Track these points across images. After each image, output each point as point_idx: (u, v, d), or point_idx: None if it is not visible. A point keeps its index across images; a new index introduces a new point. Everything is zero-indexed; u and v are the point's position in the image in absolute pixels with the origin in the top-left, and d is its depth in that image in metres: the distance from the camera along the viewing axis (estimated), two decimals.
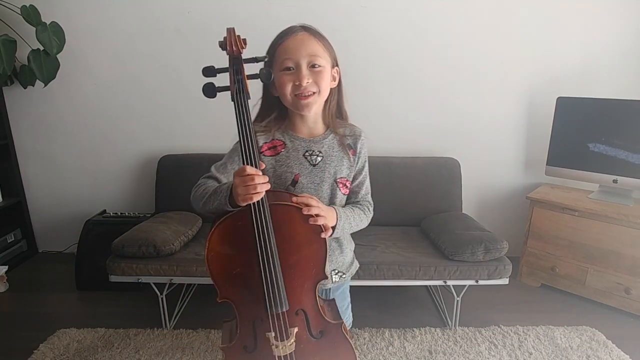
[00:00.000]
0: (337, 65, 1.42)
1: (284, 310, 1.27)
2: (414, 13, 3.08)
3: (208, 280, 2.42)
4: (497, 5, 3.08)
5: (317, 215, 1.24)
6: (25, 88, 3.06)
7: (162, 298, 2.50)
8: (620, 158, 2.85)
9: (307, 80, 1.31)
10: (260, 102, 1.48)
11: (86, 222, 2.98)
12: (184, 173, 3.06)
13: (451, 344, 2.46)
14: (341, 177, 1.45)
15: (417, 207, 3.08)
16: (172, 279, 2.46)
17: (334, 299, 1.53)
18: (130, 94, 3.23)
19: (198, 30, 3.09)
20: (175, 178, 3.08)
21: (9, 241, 3.31)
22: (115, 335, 2.48)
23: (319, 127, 1.46)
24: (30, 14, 2.82)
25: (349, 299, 1.68)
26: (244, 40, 1.18)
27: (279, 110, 1.44)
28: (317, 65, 1.32)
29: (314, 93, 1.34)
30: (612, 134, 2.85)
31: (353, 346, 1.40)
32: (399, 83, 3.23)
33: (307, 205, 1.24)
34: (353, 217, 1.43)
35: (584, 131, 2.96)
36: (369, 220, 1.52)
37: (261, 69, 1.19)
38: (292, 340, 1.31)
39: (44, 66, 2.92)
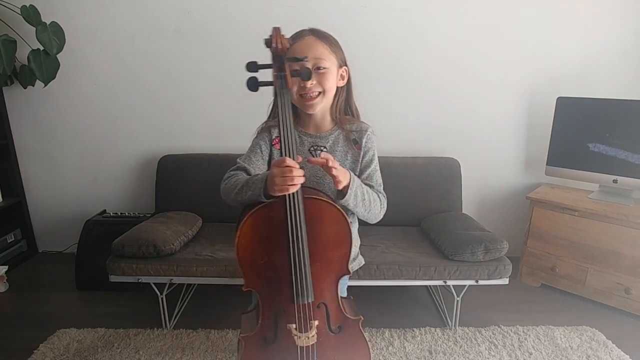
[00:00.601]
0: (345, 65, 1.52)
1: (310, 301, 1.31)
2: (414, 13, 3.09)
3: (208, 281, 2.45)
4: (497, 5, 3.08)
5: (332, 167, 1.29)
6: (25, 88, 3.06)
7: (162, 298, 2.51)
8: (620, 158, 2.85)
9: (311, 82, 1.41)
10: (272, 101, 1.55)
11: (86, 222, 2.99)
12: (184, 173, 3.07)
13: (451, 344, 2.46)
14: None
15: (417, 207, 3.08)
16: (172, 279, 2.46)
17: (351, 297, 1.58)
18: (131, 94, 3.23)
19: (198, 31, 3.10)
20: (176, 178, 3.09)
21: (9, 241, 3.31)
22: (115, 335, 2.48)
23: (327, 124, 1.56)
24: (30, 14, 2.82)
25: (345, 294, 1.70)
26: (288, 39, 1.25)
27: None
28: (321, 68, 1.42)
29: (319, 93, 1.44)
30: (612, 134, 2.86)
31: (368, 343, 1.45)
32: (399, 83, 3.23)
33: (327, 159, 1.28)
34: (366, 190, 1.46)
35: (584, 131, 2.96)
36: (384, 209, 1.55)
37: (303, 67, 1.26)
38: (314, 333, 1.35)
39: (44, 66, 2.92)
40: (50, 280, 3.15)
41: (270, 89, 1.28)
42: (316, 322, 1.35)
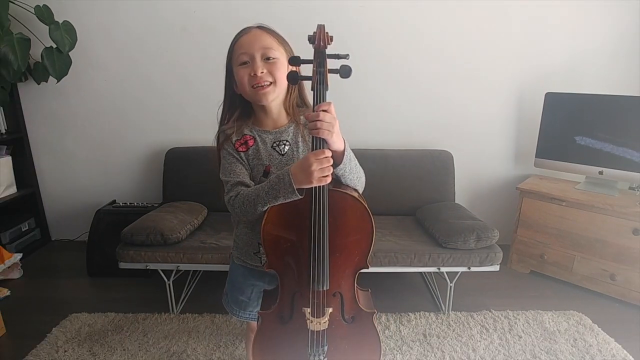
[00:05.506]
0: None
1: (325, 289, 1.29)
2: (408, 11, 3.05)
3: (213, 267, 2.43)
4: (488, 4, 3.04)
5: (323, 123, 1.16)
6: (39, 84, 3.04)
7: (169, 284, 2.49)
8: (605, 151, 2.83)
9: (261, 71, 1.32)
10: (222, 104, 1.51)
11: (97, 211, 2.97)
12: (190, 165, 3.05)
13: (444, 327, 2.44)
14: None
15: (412, 197, 3.06)
16: (178, 266, 2.44)
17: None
18: (139, 89, 3.21)
19: (203, 29, 3.07)
20: (182, 170, 3.06)
21: (23, 230, 3.29)
22: (125, 320, 2.46)
23: (283, 118, 1.45)
24: (44, 13, 2.80)
25: None
26: (331, 37, 1.19)
27: (242, 108, 1.47)
28: (271, 58, 1.34)
29: (270, 83, 1.34)
30: (598, 128, 2.84)
31: (379, 337, 1.43)
32: (394, 79, 3.20)
33: (325, 112, 1.17)
34: (354, 157, 1.35)
35: (571, 125, 2.94)
36: (364, 178, 1.42)
37: (342, 65, 1.18)
38: (326, 319, 1.34)
39: (56, 63, 2.89)
40: (63, 267, 3.14)
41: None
42: (330, 310, 1.33)
